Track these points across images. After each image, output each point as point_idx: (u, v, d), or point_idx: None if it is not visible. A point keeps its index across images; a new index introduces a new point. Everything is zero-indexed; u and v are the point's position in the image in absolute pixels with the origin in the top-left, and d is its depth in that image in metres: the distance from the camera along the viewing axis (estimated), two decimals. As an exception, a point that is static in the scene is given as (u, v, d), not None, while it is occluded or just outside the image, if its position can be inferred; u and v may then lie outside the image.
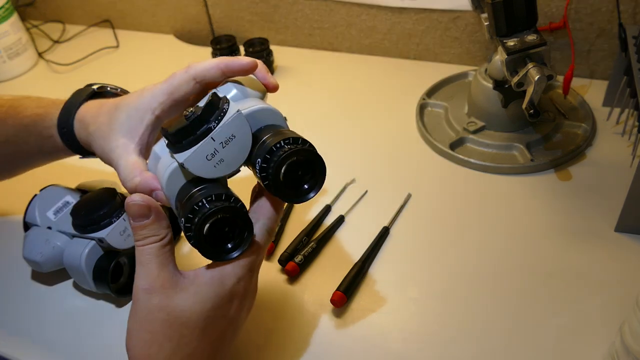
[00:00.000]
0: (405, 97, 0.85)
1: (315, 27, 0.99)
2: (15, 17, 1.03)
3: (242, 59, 0.44)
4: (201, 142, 0.38)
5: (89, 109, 0.50)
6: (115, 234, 0.57)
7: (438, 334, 0.53)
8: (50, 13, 1.22)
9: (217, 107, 0.39)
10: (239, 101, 0.43)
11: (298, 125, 0.83)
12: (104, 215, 0.57)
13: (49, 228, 0.60)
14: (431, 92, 0.84)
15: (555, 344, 0.51)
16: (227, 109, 0.39)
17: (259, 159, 0.39)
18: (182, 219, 0.39)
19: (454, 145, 0.74)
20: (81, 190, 0.65)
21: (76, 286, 0.63)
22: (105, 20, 1.17)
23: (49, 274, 0.63)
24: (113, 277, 0.58)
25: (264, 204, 0.43)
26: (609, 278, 0.56)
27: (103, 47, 1.09)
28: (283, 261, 0.61)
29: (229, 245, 0.40)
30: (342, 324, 0.55)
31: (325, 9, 0.95)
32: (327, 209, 0.67)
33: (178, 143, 0.39)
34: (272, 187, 0.40)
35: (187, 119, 0.38)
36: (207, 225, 0.38)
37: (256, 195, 0.45)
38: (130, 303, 0.40)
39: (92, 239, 0.57)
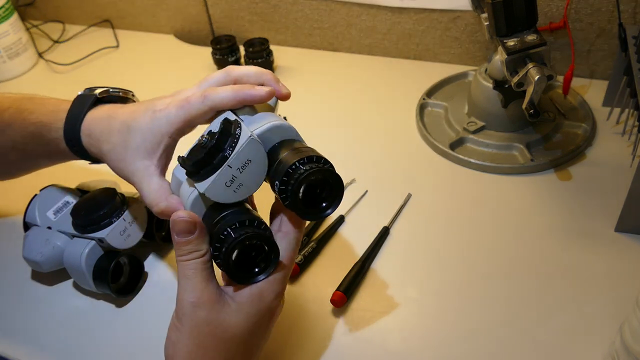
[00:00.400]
0: (405, 97, 0.85)
1: (315, 27, 0.99)
2: (15, 17, 1.03)
3: (260, 90, 0.44)
4: (219, 171, 0.39)
5: (96, 122, 0.50)
6: (115, 234, 0.57)
7: (438, 334, 0.53)
8: (50, 13, 1.22)
9: (229, 133, 0.40)
10: (250, 118, 0.43)
11: (298, 126, 0.83)
12: (104, 215, 0.57)
13: (49, 228, 0.60)
14: (431, 92, 0.84)
15: (555, 343, 0.51)
16: (240, 134, 0.40)
17: (277, 181, 0.40)
18: (210, 246, 0.41)
19: (454, 145, 0.74)
20: (81, 190, 0.65)
21: (76, 286, 0.63)
22: (105, 20, 1.17)
23: (49, 274, 0.63)
24: (113, 277, 0.58)
25: (286, 221, 0.44)
26: (609, 278, 0.56)
27: (103, 47, 1.09)
28: (283, 261, 0.61)
29: (257, 269, 0.42)
30: (342, 324, 0.55)
31: (325, 9, 0.95)
32: (327, 209, 0.67)
33: (196, 173, 0.40)
34: (292, 206, 0.40)
35: (203, 148, 0.40)
36: (235, 253, 0.40)
37: (277, 210, 0.45)
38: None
39: (92, 239, 0.57)
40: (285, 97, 0.47)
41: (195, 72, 0.99)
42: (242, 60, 0.97)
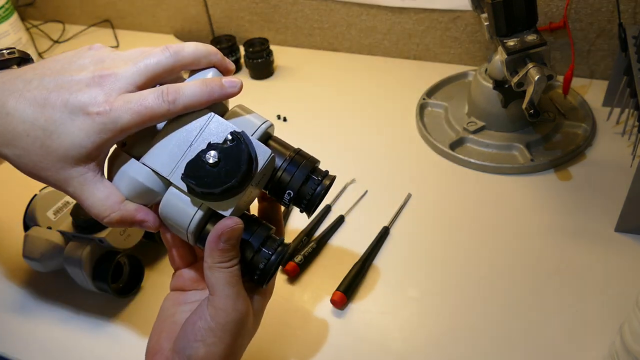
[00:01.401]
0: (405, 97, 0.85)
1: (315, 27, 0.99)
2: (15, 17, 1.03)
3: (232, 87, 0.39)
4: (242, 192, 0.38)
5: None
6: (115, 234, 0.57)
7: (438, 334, 0.53)
8: (50, 13, 1.22)
9: (251, 156, 0.37)
10: (236, 122, 0.41)
11: (298, 125, 0.84)
12: (104, 215, 0.57)
13: (49, 228, 0.60)
14: (431, 92, 0.84)
15: (555, 343, 0.51)
16: (254, 148, 0.37)
17: (290, 191, 0.41)
18: (243, 258, 0.40)
19: (454, 145, 0.74)
20: (81, 190, 0.65)
21: (76, 286, 0.63)
22: (105, 20, 1.17)
23: (49, 274, 0.63)
24: (113, 277, 0.58)
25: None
26: (609, 278, 0.56)
27: (103, 47, 1.09)
28: (283, 261, 0.61)
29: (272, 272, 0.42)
30: (342, 323, 0.55)
31: (325, 9, 0.95)
32: (327, 209, 0.67)
33: (211, 196, 0.37)
34: (303, 209, 0.42)
35: (226, 175, 0.36)
36: (276, 265, 0.41)
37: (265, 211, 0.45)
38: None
39: (92, 239, 0.57)
40: (232, 72, 0.42)
41: (195, 72, 0.99)
42: (242, 60, 0.97)
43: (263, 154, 0.38)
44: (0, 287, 0.64)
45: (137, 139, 0.39)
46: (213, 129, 0.38)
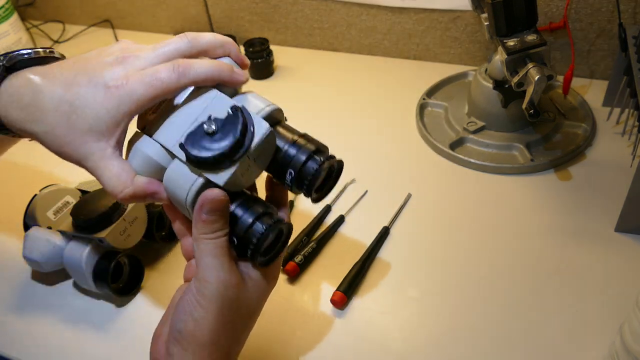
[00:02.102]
0: (405, 97, 0.85)
1: (315, 27, 0.99)
2: (15, 17, 1.03)
3: (241, 76, 0.42)
4: (238, 163, 0.39)
5: (13, 100, 0.41)
6: (115, 234, 0.57)
7: (438, 334, 0.53)
8: (50, 13, 1.22)
9: (245, 125, 0.38)
10: (239, 99, 0.42)
11: (298, 125, 0.83)
12: (104, 215, 0.57)
13: (49, 228, 0.60)
14: (431, 92, 0.84)
15: (555, 343, 0.51)
16: (253, 122, 0.39)
17: (292, 170, 0.42)
18: (234, 236, 0.41)
19: (454, 145, 0.74)
20: (81, 190, 0.65)
21: (76, 286, 0.63)
22: (105, 20, 1.17)
23: (49, 274, 0.63)
24: (113, 277, 0.58)
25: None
26: (609, 278, 0.56)
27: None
28: (283, 261, 0.61)
29: (276, 250, 0.43)
30: (342, 324, 0.55)
31: (325, 9, 0.95)
32: (327, 209, 0.67)
33: (210, 165, 0.39)
34: (305, 191, 0.42)
35: (215, 138, 0.38)
36: (268, 238, 0.40)
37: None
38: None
39: (92, 239, 0.57)
40: (247, 66, 0.45)
41: (195, 72, 0.99)
42: (242, 60, 0.97)
43: (261, 128, 0.39)
44: (0, 287, 0.64)
45: (155, 120, 0.42)
46: (217, 105, 0.40)
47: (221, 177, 0.39)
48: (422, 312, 0.56)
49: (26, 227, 0.62)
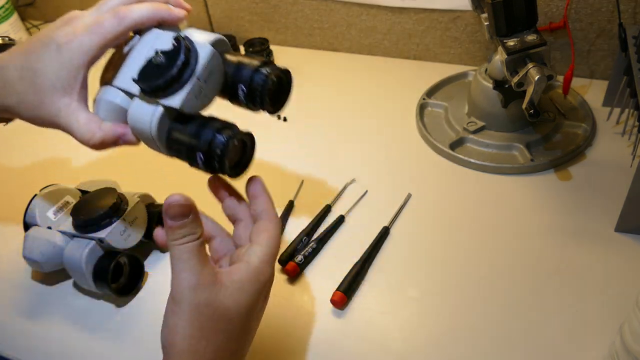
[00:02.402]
0: (405, 97, 0.85)
1: (315, 27, 0.99)
2: (15, 17, 1.03)
3: (178, 12, 0.46)
4: (190, 85, 0.42)
5: None
6: (115, 234, 0.57)
7: (438, 334, 0.53)
8: (50, 13, 1.22)
9: (189, 49, 0.43)
10: (185, 33, 0.46)
11: (298, 125, 0.84)
12: (104, 215, 0.57)
13: (49, 228, 0.60)
14: (431, 92, 0.84)
15: (555, 343, 0.51)
16: (197, 47, 0.43)
17: (242, 84, 0.45)
18: (200, 152, 0.44)
19: (454, 145, 0.74)
20: (81, 190, 0.65)
21: (76, 286, 0.63)
22: (105, 20, 1.17)
23: (49, 274, 0.63)
24: (113, 277, 0.58)
25: (262, 202, 0.45)
26: (609, 278, 0.56)
27: (103, 47, 1.09)
28: (283, 261, 0.61)
29: (241, 164, 0.47)
30: (342, 324, 0.55)
31: (325, 9, 0.95)
32: (327, 209, 0.67)
33: (163, 91, 0.42)
34: (260, 104, 0.46)
35: (163, 66, 0.42)
36: (230, 150, 0.44)
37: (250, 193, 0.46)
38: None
39: (92, 239, 0.57)
40: (189, 10, 0.48)
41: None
42: (242, 60, 0.97)
43: (205, 50, 0.43)
44: (0, 287, 0.64)
45: (112, 74, 0.46)
46: (161, 40, 0.44)
47: (176, 100, 0.43)
48: (422, 312, 0.56)
49: (26, 227, 0.62)
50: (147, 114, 0.44)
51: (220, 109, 0.46)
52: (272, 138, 0.81)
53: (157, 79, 0.42)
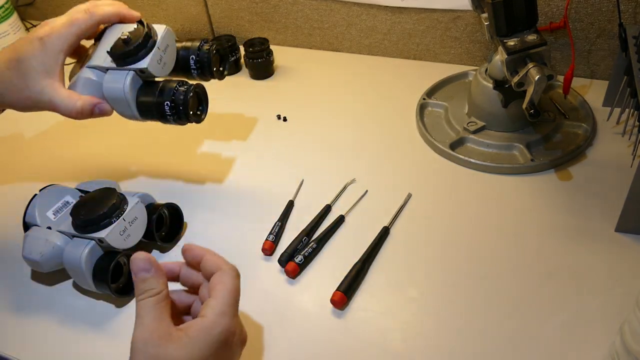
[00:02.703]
0: (405, 97, 0.85)
1: (315, 27, 0.99)
2: (15, 17, 1.03)
3: (134, 12, 0.61)
4: (153, 52, 0.58)
5: None
6: (115, 234, 0.57)
7: (438, 334, 0.53)
8: (50, 13, 1.22)
9: (149, 26, 0.59)
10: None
11: (298, 125, 0.84)
12: (104, 215, 0.57)
13: (49, 228, 0.60)
14: (431, 92, 0.84)
15: (555, 343, 0.51)
16: (153, 28, 0.60)
17: (193, 56, 0.62)
18: (167, 102, 0.59)
19: (454, 145, 0.74)
20: (81, 190, 0.65)
21: (76, 286, 0.63)
22: (105, 20, 1.17)
23: (49, 274, 0.63)
24: (113, 277, 0.58)
25: (208, 259, 0.47)
26: (609, 278, 0.56)
27: (103, 47, 1.09)
28: (283, 261, 0.61)
29: (200, 108, 0.63)
30: (342, 324, 0.55)
31: (325, 9, 0.95)
32: (327, 209, 0.67)
33: (133, 56, 0.57)
34: (207, 74, 0.63)
35: (130, 40, 0.57)
36: (190, 98, 0.59)
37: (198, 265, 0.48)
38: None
39: (92, 239, 0.57)
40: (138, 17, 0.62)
41: (195, 72, 0.99)
42: (242, 60, 0.97)
43: (161, 28, 0.60)
44: (0, 287, 0.64)
45: (82, 62, 0.61)
46: (125, 29, 0.60)
47: (144, 62, 0.58)
48: (422, 312, 0.56)
49: (26, 227, 0.62)
50: (120, 79, 0.58)
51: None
52: (272, 138, 0.81)
53: (127, 48, 0.57)
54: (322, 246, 0.63)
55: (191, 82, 0.62)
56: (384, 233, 0.63)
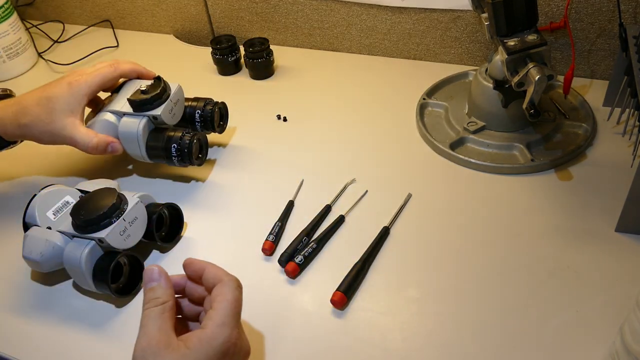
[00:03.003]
0: (405, 97, 0.85)
1: (315, 27, 0.99)
2: (15, 17, 1.03)
3: (151, 72, 0.72)
4: (166, 103, 0.68)
5: (2, 110, 0.67)
6: (115, 234, 0.57)
7: (438, 334, 0.53)
8: (50, 13, 1.22)
9: (165, 83, 0.70)
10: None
11: (298, 125, 0.84)
12: (104, 215, 0.57)
13: (49, 228, 0.60)
14: (431, 92, 0.84)
15: (556, 343, 0.51)
16: (168, 84, 0.70)
17: (198, 111, 0.74)
18: (174, 145, 0.67)
19: (454, 145, 0.74)
20: (81, 191, 0.65)
21: (76, 286, 0.63)
22: (105, 20, 1.17)
23: (49, 274, 0.63)
24: (113, 277, 0.58)
25: (209, 272, 0.48)
26: (609, 278, 0.56)
27: (103, 47, 1.09)
28: (283, 261, 0.61)
29: (201, 154, 0.72)
30: (342, 324, 0.55)
31: (325, 9, 0.95)
32: (327, 209, 0.67)
33: (150, 104, 0.67)
34: (209, 128, 0.75)
35: (147, 92, 0.68)
36: (193, 144, 0.68)
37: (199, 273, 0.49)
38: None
39: (92, 239, 0.57)
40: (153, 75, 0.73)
41: (195, 72, 0.99)
42: (242, 60, 0.97)
43: (175, 85, 0.71)
44: (0, 287, 0.64)
45: (102, 105, 0.71)
46: (142, 83, 0.70)
47: (157, 110, 0.67)
48: (422, 312, 0.56)
49: (26, 227, 0.62)
50: (135, 123, 0.68)
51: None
52: (272, 138, 0.81)
53: (145, 97, 0.67)
54: (322, 246, 0.63)
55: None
56: (384, 233, 0.63)
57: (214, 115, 0.73)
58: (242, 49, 0.96)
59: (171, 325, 0.44)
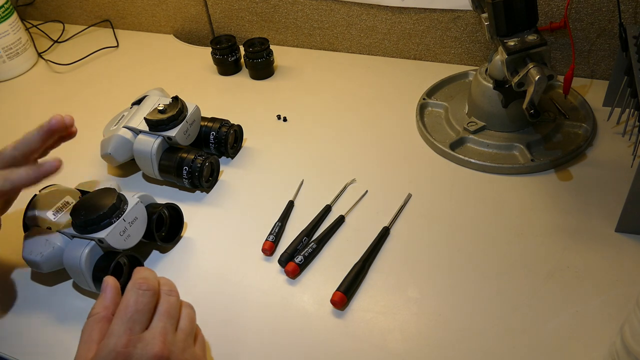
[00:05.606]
0: (405, 97, 0.85)
1: (315, 27, 0.99)
2: (15, 17, 1.03)
3: (52, 166, 0.55)
4: (182, 123, 0.70)
5: None
6: (115, 234, 0.57)
7: (438, 334, 0.53)
8: (50, 13, 1.22)
9: (183, 104, 0.71)
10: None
11: (298, 125, 0.84)
12: (104, 216, 0.57)
13: (49, 228, 0.60)
14: (431, 92, 0.84)
15: (555, 343, 0.51)
16: (185, 104, 0.72)
17: (213, 132, 0.75)
18: (185, 167, 0.69)
19: (454, 145, 0.74)
20: (81, 191, 0.65)
21: (76, 286, 0.63)
22: (105, 20, 1.17)
23: (49, 274, 0.63)
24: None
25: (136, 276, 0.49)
26: (609, 278, 0.56)
27: (103, 47, 1.09)
28: (283, 261, 0.61)
29: (212, 177, 0.73)
30: (342, 324, 0.55)
31: (325, 9, 0.95)
32: (327, 209, 0.67)
33: (166, 125, 0.69)
34: (222, 150, 0.76)
35: (165, 112, 0.70)
36: (205, 167, 0.70)
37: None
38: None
39: (92, 239, 0.57)
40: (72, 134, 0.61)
41: (195, 72, 0.99)
42: (242, 60, 0.97)
43: (192, 106, 0.72)
44: (0, 288, 0.64)
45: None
46: (162, 100, 0.73)
47: (173, 131, 0.69)
48: (422, 312, 0.56)
49: (26, 227, 0.62)
50: (150, 142, 0.69)
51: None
52: (272, 138, 0.81)
53: (162, 117, 0.69)
54: (322, 246, 0.63)
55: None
56: (384, 233, 0.63)
57: (228, 138, 0.74)
58: (242, 49, 0.96)
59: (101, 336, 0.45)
